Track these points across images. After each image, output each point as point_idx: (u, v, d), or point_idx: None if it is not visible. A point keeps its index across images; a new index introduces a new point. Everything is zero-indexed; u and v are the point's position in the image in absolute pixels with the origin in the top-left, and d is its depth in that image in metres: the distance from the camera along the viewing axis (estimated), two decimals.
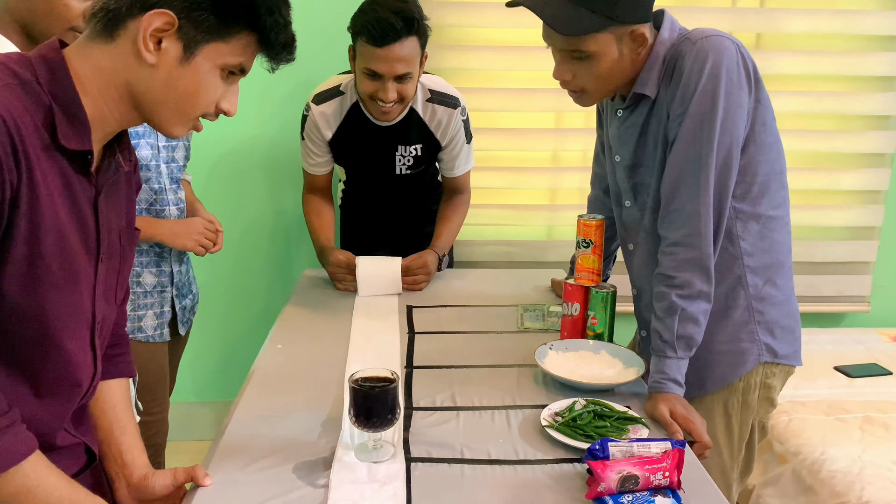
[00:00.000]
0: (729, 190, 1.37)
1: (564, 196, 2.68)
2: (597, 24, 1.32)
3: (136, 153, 1.64)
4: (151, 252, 1.75)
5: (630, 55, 1.38)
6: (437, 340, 1.69)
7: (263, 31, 0.93)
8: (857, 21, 2.53)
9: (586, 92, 1.42)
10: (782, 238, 1.46)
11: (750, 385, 1.47)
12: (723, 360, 1.46)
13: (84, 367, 0.99)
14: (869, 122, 2.65)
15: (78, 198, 0.92)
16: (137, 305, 1.75)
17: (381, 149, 2.04)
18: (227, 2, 0.90)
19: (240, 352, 2.69)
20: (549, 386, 1.46)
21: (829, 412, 2.14)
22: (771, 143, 1.39)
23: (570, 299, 1.63)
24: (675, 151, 1.38)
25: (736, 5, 2.54)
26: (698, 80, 1.32)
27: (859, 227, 2.74)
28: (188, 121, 0.97)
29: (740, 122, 1.34)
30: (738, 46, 1.34)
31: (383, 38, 1.73)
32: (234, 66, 0.95)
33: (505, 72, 2.53)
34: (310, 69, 2.38)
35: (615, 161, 1.54)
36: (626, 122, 1.48)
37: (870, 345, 2.61)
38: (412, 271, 2.00)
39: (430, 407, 1.37)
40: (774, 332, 1.46)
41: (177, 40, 0.89)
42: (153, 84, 0.91)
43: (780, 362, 1.48)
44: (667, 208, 1.40)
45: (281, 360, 1.58)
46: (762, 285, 1.44)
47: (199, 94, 0.94)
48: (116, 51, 0.90)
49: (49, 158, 0.87)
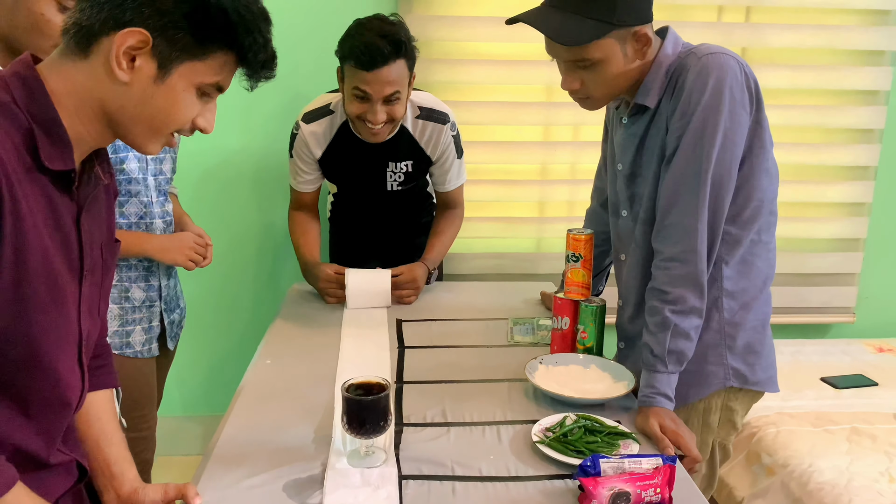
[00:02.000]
0: (725, 207, 1.37)
1: (553, 209, 2.69)
2: (599, 30, 1.32)
3: (125, 166, 1.64)
4: (140, 266, 1.74)
5: (635, 56, 1.38)
6: (428, 355, 1.69)
7: (242, 50, 0.92)
8: (841, 36, 2.57)
9: (592, 97, 1.42)
10: (763, 265, 1.45)
11: (711, 407, 1.47)
12: (687, 378, 1.43)
13: (73, 385, 0.98)
14: (853, 135, 2.68)
15: (61, 217, 0.91)
16: (126, 321, 1.73)
17: (372, 166, 2.04)
18: (203, 21, 0.88)
19: (227, 366, 2.67)
20: (540, 400, 1.46)
21: (817, 423, 2.15)
22: (767, 168, 1.40)
23: (560, 313, 1.63)
24: (673, 165, 1.38)
25: (722, 20, 2.57)
26: (701, 96, 1.32)
27: (844, 238, 2.77)
28: (162, 138, 0.95)
29: (740, 141, 1.35)
30: (743, 66, 1.34)
31: (371, 62, 1.73)
32: (211, 85, 0.94)
33: (494, 85, 2.54)
34: (299, 83, 2.39)
35: (617, 170, 1.54)
36: (628, 131, 1.48)
37: (856, 356, 2.63)
38: (401, 284, 2.00)
39: (421, 423, 1.37)
40: (746, 357, 1.46)
41: (151, 58, 0.88)
42: (127, 102, 0.90)
43: (748, 388, 1.47)
44: (662, 222, 1.40)
45: (270, 376, 1.57)
46: (737, 310, 1.44)
47: (173, 113, 0.92)
48: (90, 68, 0.88)
49: (32, 181, 0.86)
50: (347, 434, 1.21)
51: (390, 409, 1.21)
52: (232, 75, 0.96)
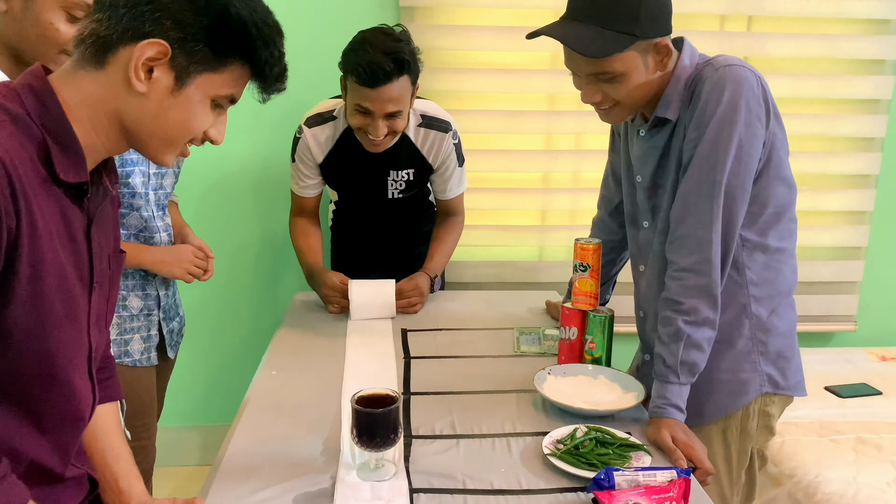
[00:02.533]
0: (739, 219, 1.37)
1: (555, 217, 2.68)
2: (621, 43, 1.32)
3: (130, 179, 1.62)
4: (137, 275, 1.72)
5: (656, 67, 1.37)
6: (434, 365, 1.68)
7: (258, 63, 0.92)
8: (842, 45, 2.58)
9: (617, 106, 1.41)
10: (787, 270, 1.46)
11: (749, 414, 1.46)
12: (724, 388, 1.45)
13: (86, 398, 0.98)
14: (854, 143, 2.69)
15: (74, 229, 0.90)
16: (124, 329, 1.71)
17: (373, 174, 2.03)
18: (223, 34, 0.88)
19: (228, 376, 2.65)
20: (549, 412, 1.45)
21: (822, 433, 2.15)
22: (784, 177, 1.41)
23: (568, 323, 1.62)
24: (687, 176, 1.38)
25: (724, 29, 2.58)
26: (716, 107, 1.32)
27: (846, 247, 2.77)
28: (177, 148, 0.95)
29: (755, 153, 1.35)
30: (760, 79, 1.35)
31: (374, 80, 1.72)
32: (225, 97, 0.94)
33: (496, 94, 2.53)
34: (302, 92, 2.36)
35: (636, 181, 1.53)
36: (648, 143, 1.47)
37: (859, 364, 2.62)
38: (405, 294, 1.99)
39: (429, 435, 1.35)
40: (777, 362, 1.46)
41: (169, 70, 0.88)
42: (143, 113, 0.89)
43: (780, 393, 1.47)
44: (676, 232, 1.40)
45: (276, 387, 1.56)
46: (767, 316, 1.44)
47: (188, 124, 0.92)
48: (106, 78, 0.88)
49: (47, 193, 0.85)
50: (357, 447, 1.20)
51: (400, 422, 1.20)
52: (244, 87, 0.96)
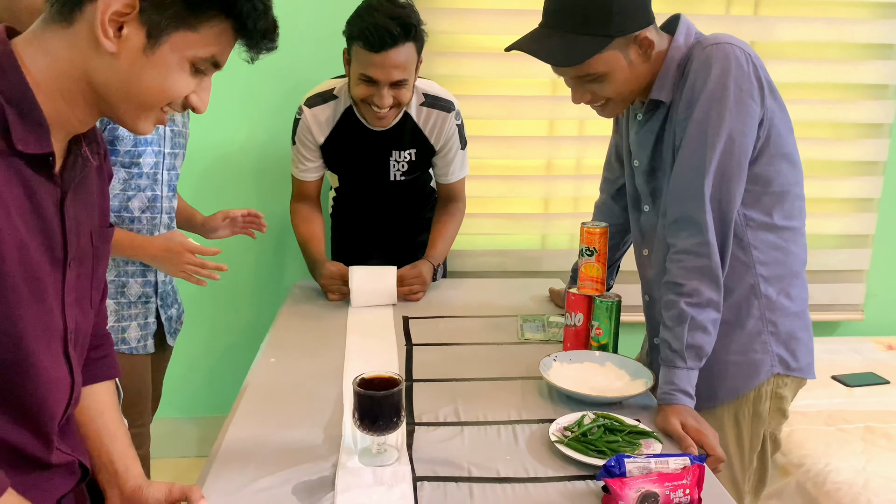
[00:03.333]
0: (736, 198, 1.34)
1: (558, 205, 2.64)
2: (597, 45, 1.31)
3: (141, 160, 1.57)
4: (136, 262, 1.68)
5: (640, 59, 1.36)
6: (437, 352, 1.64)
7: (240, 17, 0.84)
8: (849, 30, 2.53)
9: (610, 101, 1.40)
10: (797, 249, 1.43)
11: (761, 396, 1.43)
12: (735, 371, 1.42)
13: (60, 382, 0.92)
14: (861, 130, 2.65)
15: (41, 203, 0.84)
16: (121, 316, 1.68)
17: (375, 154, 1.99)
18: None
19: (227, 365, 2.61)
20: (555, 399, 1.41)
21: (830, 422, 2.11)
22: (786, 154, 1.37)
23: (573, 309, 1.58)
24: (679, 158, 1.36)
25: (730, 13, 2.53)
26: (703, 86, 1.30)
27: (852, 235, 2.73)
28: (152, 115, 0.88)
29: (749, 131, 1.31)
30: (750, 56, 1.31)
31: (381, 44, 1.69)
32: (206, 60, 0.86)
33: (497, 79, 2.49)
34: (301, 73, 2.34)
35: (634, 166, 1.51)
36: (644, 127, 1.45)
37: (866, 354, 2.59)
38: (407, 281, 1.95)
39: (433, 422, 1.32)
40: (788, 343, 1.43)
41: (139, 26, 0.80)
42: (113, 75, 0.82)
43: (792, 374, 1.44)
44: (672, 215, 1.38)
45: (275, 374, 1.52)
46: (776, 296, 1.41)
47: (164, 87, 0.84)
48: (73, 38, 0.81)
49: (6, 165, 0.79)
50: (359, 431, 1.17)
51: (403, 405, 1.17)
52: (229, 48, 0.89)
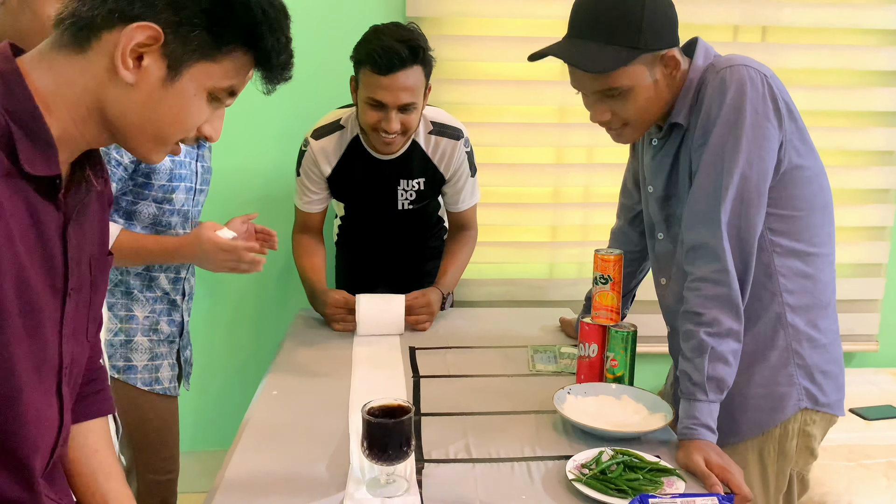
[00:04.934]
0: (756, 226, 1.29)
1: (566, 233, 2.60)
2: (625, 56, 1.27)
3: (174, 195, 1.54)
4: (165, 300, 1.66)
5: (664, 80, 1.33)
6: (445, 384, 1.58)
7: (264, 51, 0.82)
8: (858, 57, 2.52)
9: (628, 125, 1.37)
10: (826, 277, 1.38)
11: (788, 432, 1.37)
12: (759, 404, 1.36)
13: (48, 418, 0.86)
14: (872, 157, 2.61)
15: (45, 229, 0.80)
16: (155, 355, 1.65)
17: (383, 183, 1.96)
18: (224, 18, 0.78)
19: (228, 398, 2.55)
20: (571, 434, 1.35)
21: (851, 458, 2.05)
22: (811, 177, 1.33)
23: (587, 339, 1.53)
24: (695, 184, 1.32)
25: (737, 40, 2.52)
26: (719, 111, 1.27)
27: (865, 264, 2.68)
28: (167, 146, 0.85)
29: (768, 155, 1.28)
30: (766, 77, 1.28)
31: (389, 66, 1.66)
32: (224, 90, 0.84)
33: (505, 106, 2.47)
34: (307, 102, 2.31)
35: (648, 192, 1.48)
36: (660, 152, 1.42)
37: (883, 385, 2.53)
38: (415, 310, 1.90)
39: (443, 459, 1.26)
40: (815, 377, 1.37)
41: (161, 58, 0.78)
42: (129, 106, 0.79)
43: (821, 410, 1.38)
44: (689, 242, 1.34)
45: (277, 407, 1.46)
46: (803, 326, 1.36)
47: (181, 120, 0.82)
48: (87, 65, 0.78)
49: (11, 187, 0.75)
50: (367, 461, 1.14)
51: (413, 434, 1.14)
52: (247, 79, 0.86)
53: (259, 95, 0.91)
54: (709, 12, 2.44)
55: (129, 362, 1.60)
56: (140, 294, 1.60)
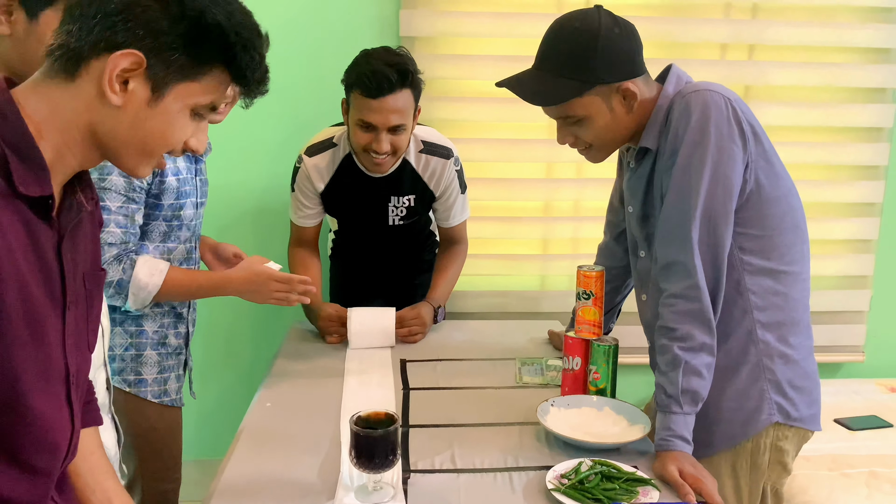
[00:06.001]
0: (724, 242, 1.35)
1: (557, 246, 2.65)
2: (576, 89, 1.35)
3: (183, 212, 1.61)
4: (172, 314, 1.71)
5: (622, 109, 1.39)
6: (434, 396, 1.63)
7: (240, 69, 0.89)
8: (844, 73, 2.57)
9: (592, 147, 1.44)
10: (798, 295, 1.43)
11: (759, 447, 1.42)
12: (731, 417, 1.41)
13: (60, 425, 0.91)
14: (858, 172, 2.67)
15: (41, 245, 0.86)
16: (163, 367, 1.70)
17: (374, 200, 2.01)
18: (200, 41, 0.85)
19: (224, 409, 2.60)
20: (552, 444, 1.40)
21: (833, 467, 2.09)
22: (779, 198, 1.38)
23: (571, 353, 1.58)
24: (665, 203, 1.38)
25: (725, 58, 2.58)
26: (684, 133, 1.33)
27: (851, 276, 2.73)
28: (154, 160, 0.92)
29: (734, 175, 1.33)
30: (731, 100, 1.34)
31: (378, 90, 1.72)
32: (205, 106, 0.91)
33: (496, 123, 2.53)
34: (301, 119, 2.38)
35: (628, 211, 1.53)
36: (636, 174, 1.48)
37: (868, 395, 2.57)
38: (406, 323, 1.95)
39: (429, 469, 1.31)
40: (787, 392, 1.41)
41: (145, 81, 0.84)
42: (118, 126, 0.86)
43: (793, 425, 1.42)
44: (662, 260, 1.39)
45: (271, 418, 1.52)
46: (775, 342, 1.40)
47: (167, 135, 0.89)
48: (77, 91, 0.84)
49: (8, 207, 0.81)
50: (355, 469, 1.19)
51: (399, 443, 1.20)
52: (225, 93, 0.93)
53: (255, 113, 0.96)
54: (697, 31, 2.50)
55: (140, 375, 1.65)
56: (149, 309, 1.65)
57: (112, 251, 1.52)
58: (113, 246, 1.52)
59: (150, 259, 1.57)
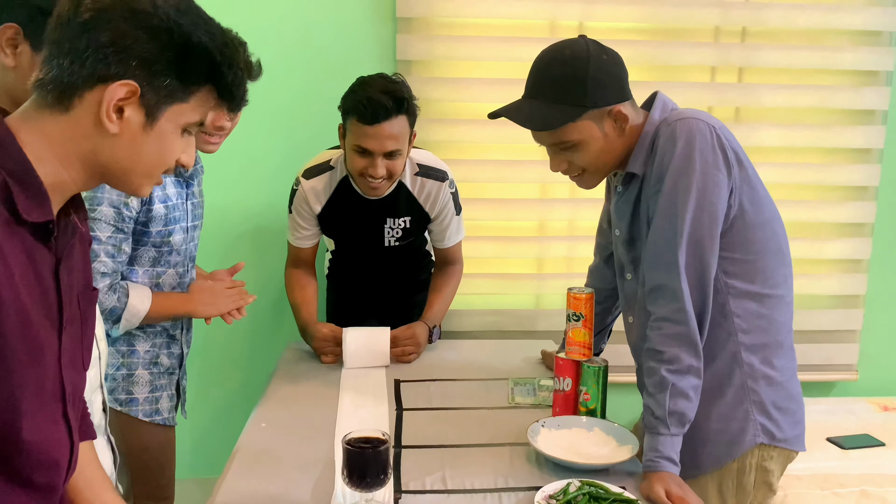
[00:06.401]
0: (711, 266, 1.38)
1: (552, 265, 2.68)
2: (571, 114, 1.38)
3: (172, 238, 1.65)
4: (164, 334, 1.74)
5: (614, 132, 1.42)
6: (427, 417, 1.66)
7: (226, 86, 0.93)
8: (832, 96, 2.61)
9: (586, 172, 1.47)
10: (782, 318, 1.45)
11: (745, 467, 1.44)
12: (717, 439, 1.43)
13: (59, 443, 0.94)
14: (849, 192, 2.70)
15: (40, 269, 0.89)
16: (155, 387, 1.73)
17: (370, 221, 2.05)
18: (188, 64, 0.88)
19: (220, 428, 2.62)
20: (543, 465, 1.42)
21: (825, 486, 2.11)
22: (762, 222, 1.41)
23: (562, 374, 1.60)
24: (652, 229, 1.41)
25: (715, 80, 2.62)
26: (670, 160, 1.36)
27: (844, 295, 2.76)
28: (154, 179, 0.96)
29: (719, 201, 1.36)
30: (715, 128, 1.37)
31: (374, 116, 1.76)
32: (194, 123, 0.94)
33: (491, 144, 2.57)
34: (299, 140, 2.41)
35: (615, 235, 1.56)
36: (622, 198, 1.51)
37: (861, 415, 2.59)
38: (400, 342, 1.98)
39: (420, 490, 1.33)
40: (771, 413, 1.44)
41: (139, 108, 0.87)
42: (118, 152, 0.89)
43: (777, 445, 1.45)
44: (649, 284, 1.42)
45: (266, 439, 1.54)
46: (758, 364, 1.43)
47: (163, 156, 0.93)
48: (73, 122, 0.87)
49: (10, 234, 0.84)
50: (347, 488, 1.22)
51: (390, 463, 1.23)
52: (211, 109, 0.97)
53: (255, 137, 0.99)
54: (686, 54, 2.54)
55: (131, 395, 1.68)
56: (140, 330, 1.68)
57: (105, 280, 1.56)
58: (106, 276, 1.56)
59: (136, 285, 1.63)
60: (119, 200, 1.54)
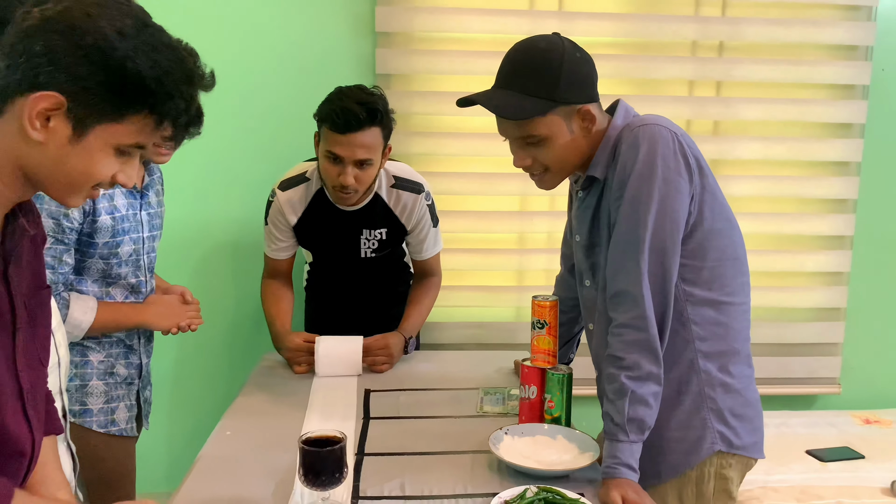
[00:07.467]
0: (672, 273, 1.38)
1: (531, 277, 2.69)
2: (542, 107, 1.38)
3: (119, 249, 1.64)
4: (121, 344, 1.74)
5: (581, 132, 1.42)
6: (393, 426, 1.65)
7: (161, 116, 0.91)
8: (810, 109, 2.64)
9: (548, 172, 1.46)
10: (739, 325, 1.45)
11: (704, 475, 1.43)
12: (675, 447, 1.43)
13: (22, 434, 0.96)
14: (827, 205, 2.71)
15: None
16: (111, 397, 1.72)
17: (346, 233, 2.06)
18: (120, 87, 0.87)
19: (194, 440, 2.58)
20: (504, 473, 1.42)
21: (802, 498, 2.09)
22: (720, 230, 1.41)
23: (527, 382, 1.60)
24: (615, 235, 1.41)
25: (693, 94, 2.64)
26: (633, 166, 1.36)
27: (825, 308, 2.76)
28: (82, 192, 0.94)
29: (680, 207, 1.37)
30: (677, 134, 1.38)
31: (346, 126, 1.78)
32: (131, 146, 0.93)
33: (471, 157, 2.59)
34: (278, 153, 2.43)
35: (576, 241, 1.56)
36: (583, 203, 1.51)
37: (842, 427, 2.58)
38: (373, 351, 1.98)
39: (377, 496, 1.33)
40: (728, 420, 1.43)
41: (66, 120, 0.87)
42: (43, 160, 0.89)
43: (736, 452, 1.44)
44: (611, 290, 1.42)
45: (229, 446, 1.54)
46: (715, 371, 1.43)
47: (90, 171, 0.91)
48: (5, 126, 0.88)
49: None
50: (305, 487, 1.24)
51: (346, 462, 1.24)
52: (154, 134, 0.95)
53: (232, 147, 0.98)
54: (664, 68, 2.57)
55: (84, 406, 1.67)
56: (93, 341, 1.68)
57: None
58: None
59: (80, 296, 1.62)
60: (58, 212, 1.52)
